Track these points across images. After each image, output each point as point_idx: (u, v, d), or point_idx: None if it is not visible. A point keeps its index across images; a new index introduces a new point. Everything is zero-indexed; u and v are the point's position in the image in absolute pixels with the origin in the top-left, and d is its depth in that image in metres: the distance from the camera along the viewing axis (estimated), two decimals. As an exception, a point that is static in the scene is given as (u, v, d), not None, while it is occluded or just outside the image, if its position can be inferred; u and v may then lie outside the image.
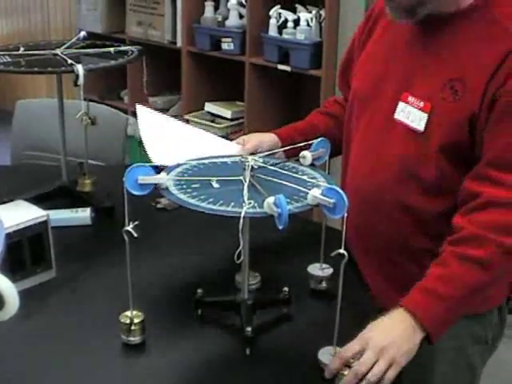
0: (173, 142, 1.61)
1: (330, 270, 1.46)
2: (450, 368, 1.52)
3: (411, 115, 1.38)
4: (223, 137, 3.36)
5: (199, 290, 1.37)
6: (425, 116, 1.35)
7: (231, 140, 1.68)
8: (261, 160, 1.30)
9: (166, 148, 1.56)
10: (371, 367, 1.17)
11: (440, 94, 1.34)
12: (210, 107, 3.58)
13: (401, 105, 1.40)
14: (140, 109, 1.64)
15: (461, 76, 1.32)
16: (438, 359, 1.50)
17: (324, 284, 1.47)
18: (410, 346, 1.22)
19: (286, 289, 1.38)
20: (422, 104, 1.36)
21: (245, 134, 1.68)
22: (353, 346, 1.19)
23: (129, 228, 1.17)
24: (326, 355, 1.21)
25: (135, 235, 1.17)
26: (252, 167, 1.26)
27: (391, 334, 1.21)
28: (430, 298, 1.26)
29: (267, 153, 1.37)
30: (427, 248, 1.42)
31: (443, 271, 1.28)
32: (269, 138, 1.64)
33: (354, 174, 1.51)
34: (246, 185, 1.20)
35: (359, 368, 1.17)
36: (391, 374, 1.19)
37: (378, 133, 1.46)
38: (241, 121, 3.47)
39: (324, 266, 1.47)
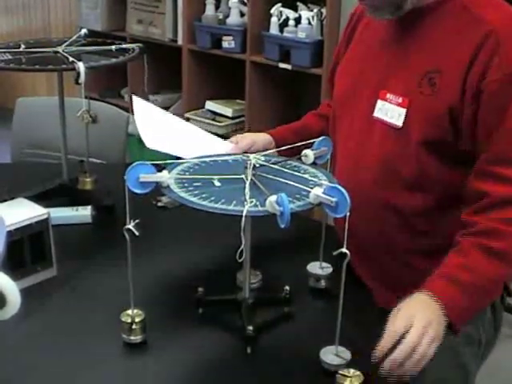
0: (166, 131, 1.62)
1: (330, 269, 1.46)
2: (441, 368, 1.51)
3: (390, 112, 1.39)
4: (223, 136, 3.36)
5: (200, 289, 1.37)
6: (403, 111, 1.36)
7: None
8: (262, 158, 1.30)
9: (159, 134, 1.58)
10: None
11: (418, 88, 1.34)
12: (210, 105, 3.58)
13: (379, 103, 1.41)
14: (136, 99, 1.65)
15: (438, 68, 1.33)
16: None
17: (323, 283, 1.46)
18: (442, 327, 1.23)
19: (287, 287, 1.38)
20: (400, 100, 1.37)
21: (245, 133, 1.69)
22: (398, 327, 1.19)
23: (130, 226, 1.17)
24: (329, 354, 1.21)
25: (136, 233, 1.16)
26: (254, 166, 1.26)
27: (430, 314, 1.22)
28: (453, 287, 1.26)
29: (268, 151, 1.36)
30: (411, 247, 1.42)
31: (464, 260, 1.28)
32: (262, 138, 1.65)
33: (339, 174, 1.49)
34: (247, 183, 1.19)
35: (405, 348, 1.17)
36: (432, 351, 1.20)
37: (358, 133, 1.46)
38: (242, 119, 3.47)
39: (324, 264, 1.46)
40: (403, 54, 1.40)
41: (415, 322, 1.19)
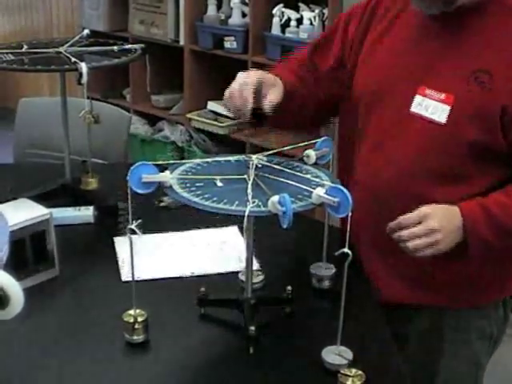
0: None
1: (333, 270, 1.46)
2: (455, 362, 1.53)
3: (431, 108, 1.37)
4: (225, 136, 3.33)
5: (202, 289, 1.37)
6: (447, 108, 1.35)
7: (233, 138, 1.67)
8: (265, 159, 1.30)
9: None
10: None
11: (466, 86, 1.34)
12: (212, 106, 3.58)
13: (418, 98, 1.40)
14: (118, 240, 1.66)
15: (486, 67, 1.32)
16: (444, 352, 1.52)
17: (327, 283, 1.47)
18: (451, 244, 1.33)
19: (289, 288, 1.38)
20: (443, 96, 1.36)
21: (247, 133, 1.62)
22: (412, 218, 1.32)
23: (132, 226, 1.17)
24: (330, 354, 1.21)
25: (139, 234, 1.16)
26: (256, 166, 1.26)
27: (448, 225, 1.33)
28: (482, 214, 1.34)
29: (271, 152, 1.35)
30: None
31: (504, 199, 1.36)
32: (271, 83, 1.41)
33: (365, 170, 1.48)
34: (249, 183, 1.19)
35: (405, 235, 1.32)
36: (428, 252, 1.32)
37: (391, 128, 1.44)
38: (243, 119, 3.46)
39: (327, 265, 1.46)
40: (447, 51, 1.38)
41: (430, 221, 1.31)
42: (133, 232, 1.17)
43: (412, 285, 1.47)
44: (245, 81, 1.35)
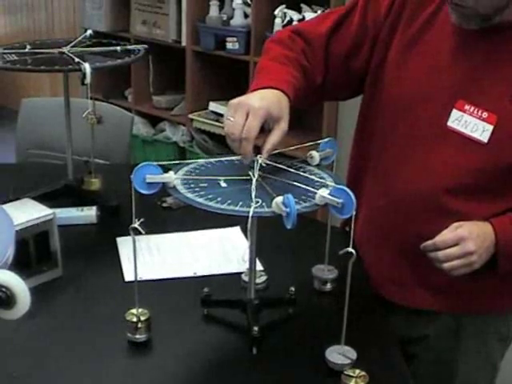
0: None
1: (335, 272, 1.46)
2: (473, 364, 1.54)
3: (470, 125, 1.34)
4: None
5: (205, 289, 1.37)
6: (489, 128, 1.32)
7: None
8: (268, 159, 1.30)
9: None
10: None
11: (509, 107, 1.30)
12: (214, 107, 3.58)
13: (455, 112, 1.35)
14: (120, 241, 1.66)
15: None
16: (462, 354, 1.52)
17: (329, 285, 1.47)
18: (484, 261, 1.34)
19: (292, 288, 1.38)
20: (485, 115, 1.32)
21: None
22: (448, 241, 1.32)
23: (136, 225, 1.17)
24: (334, 354, 1.21)
25: (143, 232, 1.16)
26: (260, 166, 1.25)
27: (482, 245, 1.32)
28: None
29: (274, 152, 1.35)
30: None
31: None
32: (277, 106, 1.33)
33: (392, 179, 1.45)
34: (254, 181, 1.19)
35: (441, 256, 1.32)
36: (462, 271, 1.33)
37: (424, 139, 1.40)
38: (245, 120, 3.46)
39: (329, 267, 1.46)
40: (491, 67, 1.33)
41: (467, 244, 1.31)
42: (136, 231, 1.17)
43: (436, 292, 1.47)
44: (246, 136, 1.23)
